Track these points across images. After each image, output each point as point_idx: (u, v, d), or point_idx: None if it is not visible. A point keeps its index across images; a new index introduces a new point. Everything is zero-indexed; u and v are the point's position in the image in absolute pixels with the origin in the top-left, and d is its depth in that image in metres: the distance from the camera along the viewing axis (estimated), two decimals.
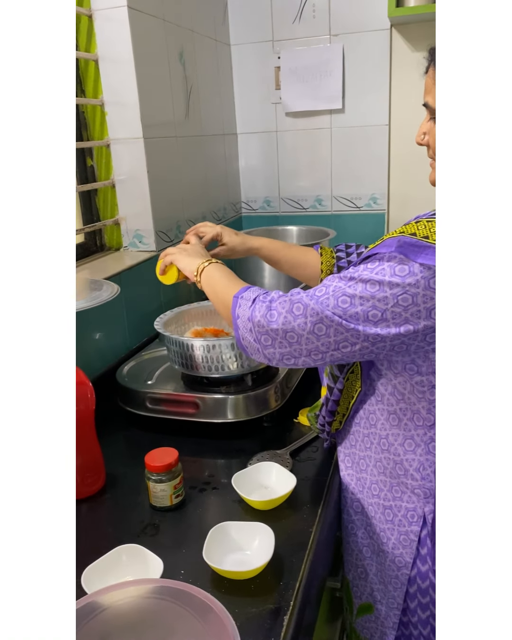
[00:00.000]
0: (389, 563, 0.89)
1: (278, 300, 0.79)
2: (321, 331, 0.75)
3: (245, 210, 2.12)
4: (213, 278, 0.93)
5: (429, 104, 0.78)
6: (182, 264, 1.00)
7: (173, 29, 1.50)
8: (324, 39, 1.83)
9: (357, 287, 0.72)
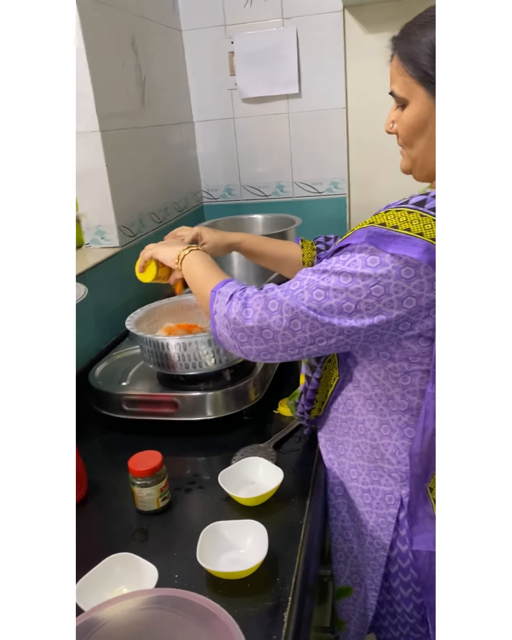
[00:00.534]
0: (368, 545, 0.90)
1: (253, 297, 0.78)
2: (296, 327, 0.74)
3: (207, 200, 2.09)
4: (193, 267, 0.92)
5: (395, 92, 0.78)
6: (162, 254, 0.98)
7: (123, 16, 1.45)
8: (276, 22, 1.80)
9: (331, 279, 0.73)
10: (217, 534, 0.78)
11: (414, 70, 0.73)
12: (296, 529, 0.83)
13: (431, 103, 0.74)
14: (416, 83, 0.74)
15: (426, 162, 0.80)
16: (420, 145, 0.78)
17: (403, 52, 0.75)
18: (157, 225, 1.67)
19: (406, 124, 0.77)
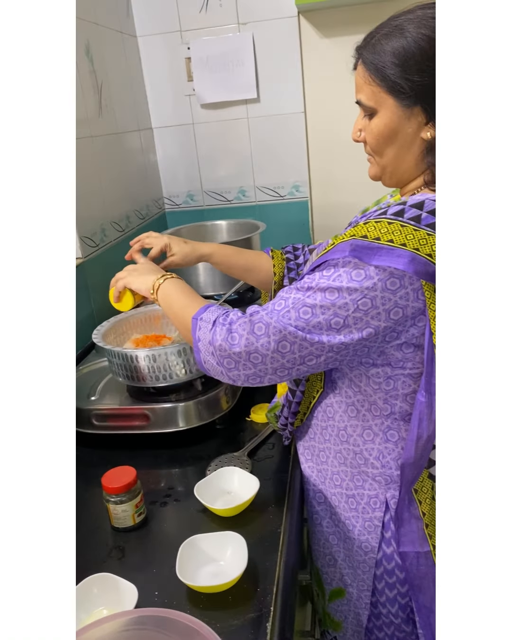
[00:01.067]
0: (357, 549, 0.91)
1: (238, 322, 0.77)
2: (285, 348, 0.74)
3: (169, 206, 2.07)
4: (170, 296, 0.90)
5: (362, 101, 0.78)
6: (136, 284, 0.96)
7: (77, 23, 1.43)
8: (232, 27, 1.80)
9: (317, 296, 0.72)
10: (196, 547, 0.78)
11: (382, 80, 0.73)
12: (275, 537, 0.83)
13: (401, 112, 0.74)
14: (384, 92, 0.74)
15: (396, 169, 0.80)
16: (390, 154, 0.79)
17: (369, 62, 0.75)
18: (119, 235, 1.65)
19: (375, 132, 0.77)
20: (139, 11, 1.82)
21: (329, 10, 1.75)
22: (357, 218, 0.94)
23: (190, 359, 1.04)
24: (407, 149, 0.77)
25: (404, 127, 0.75)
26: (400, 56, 0.71)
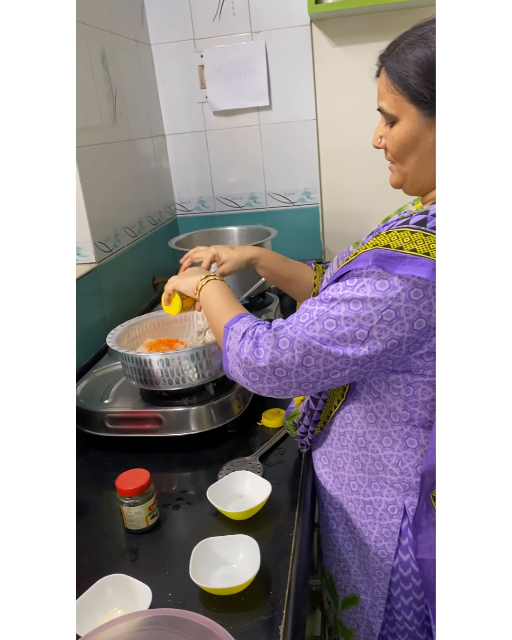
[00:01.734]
0: (373, 556, 0.90)
1: (263, 337, 0.78)
2: (309, 362, 0.74)
3: (180, 212, 2.09)
4: (210, 299, 0.93)
5: (384, 109, 0.78)
6: (182, 286, 0.99)
7: (93, 32, 1.45)
8: (245, 36, 1.82)
9: (341, 307, 0.72)
10: (209, 550, 0.78)
11: (405, 88, 0.73)
12: (287, 541, 0.83)
13: (423, 121, 0.74)
14: (407, 101, 0.74)
15: (418, 177, 0.80)
16: (411, 161, 0.79)
17: (392, 71, 0.75)
18: (132, 240, 1.67)
19: (396, 140, 0.78)
20: (154, 20, 1.85)
21: (341, 19, 1.76)
22: (379, 227, 0.94)
23: (203, 363, 1.05)
24: (429, 157, 0.77)
25: (425, 136, 0.75)
26: (423, 66, 0.71)
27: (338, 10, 1.63)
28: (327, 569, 1.02)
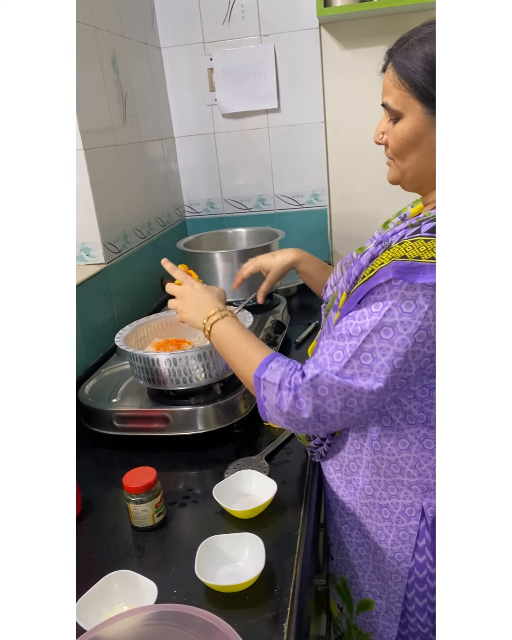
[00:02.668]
0: (389, 559, 0.89)
1: (301, 388, 0.76)
2: (352, 404, 0.74)
3: (189, 214, 2.11)
4: (226, 341, 0.89)
5: (389, 104, 0.77)
6: (189, 320, 0.95)
7: (104, 35, 1.47)
8: (254, 39, 1.83)
9: (373, 339, 0.71)
10: (214, 547, 0.79)
11: (412, 85, 0.73)
12: (292, 540, 0.84)
13: (427, 119, 0.74)
14: (413, 98, 0.74)
15: (417, 174, 0.80)
16: (412, 159, 0.78)
17: (400, 66, 0.74)
18: (141, 241, 1.68)
19: (399, 137, 0.77)
20: (164, 23, 1.86)
21: (350, 22, 1.77)
22: (381, 232, 0.95)
23: (209, 363, 1.05)
24: (430, 156, 0.77)
25: (429, 135, 0.75)
26: (432, 63, 0.71)
27: (347, 13, 1.64)
28: (339, 575, 1.01)
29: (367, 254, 0.78)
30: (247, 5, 1.80)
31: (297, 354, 1.44)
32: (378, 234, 1.00)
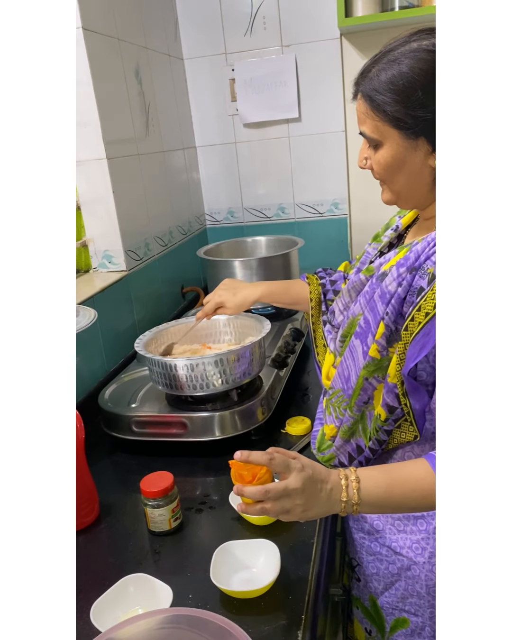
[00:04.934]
0: (427, 573, 0.86)
1: None
2: None
3: (210, 222, 2.13)
4: (388, 497, 0.71)
5: (366, 134, 0.78)
6: (315, 512, 0.70)
7: (127, 47, 1.50)
8: (276, 49, 1.85)
9: None
10: (230, 553, 0.79)
11: (384, 115, 0.73)
12: (307, 547, 0.84)
13: (406, 143, 0.74)
14: (388, 126, 0.74)
15: (410, 195, 0.80)
16: (400, 180, 0.79)
17: (368, 98, 0.75)
18: (162, 249, 1.71)
19: (382, 164, 0.78)
20: (187, 35, 1.90)
21: (371, 32, 1.78)
22: (374, 246, 0.95)
23: (226, 369, 1.06)
24: (417, 176, 0.77)
25: (411, 157, 0.75)
26: (399, 92, 0.71)
27: (367, 23, 1.65)
28: (368, 595, 0.97)
29: (393, 281, 0.76)
30: (269, 16, 1.82)
31: None
32: (371, 248, 0.99)
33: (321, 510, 0.70)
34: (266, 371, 1.21)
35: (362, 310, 0.81)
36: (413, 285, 0.74)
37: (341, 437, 0.89)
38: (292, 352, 1.34)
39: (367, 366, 0.80)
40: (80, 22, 1.25)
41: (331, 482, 0.70)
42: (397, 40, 0.76)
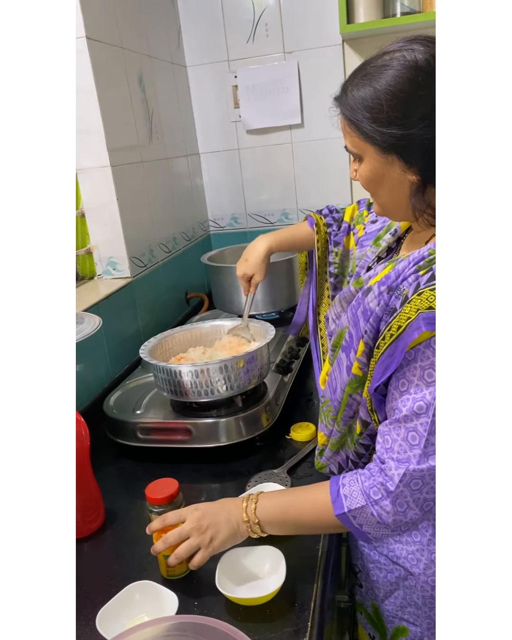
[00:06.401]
0: (422, 584, 0.86)
1: (395, 492, 0.72)
2: None
3: (213, 228, 2.13)
4: (282, 517, 0.80)
5: (348, 148, 0.79)
6: (222, 536, 0.78)
7: (131, 56, 1.51)
8: (278, 56, 1.86)
9: None
10: (235, 560, 0.79)
11: (360, 132, 0.74)
12: (313, 554, 0.84)
13: (382, 158, 0.75)
14: (365, 142, 0.75)
15: (395, 208, 0.81)
16: (383, 195, 0.80)
17: (346, 116, 0.76)
18: (166, 255, 1.71)
19: (364, 177, 0.79)
20: (190, 43, 1.91)
21: (373, 38, 1.79)
22: (374, 250, 0.96)
23: (231, 375, 1.06)
24: (397, 190, 0.77)
25: (388, 172, 0.76)
26: (370, 109, 0.72)
27: (369, 29, 1.66)
28: (370, 602, 0.97)
29: (374, 299, 0.76)
30: (271, 23, 1.83)
31: None
32: (371, 252, 0.99)
33: (227, 534, 0.78)
34: (270, 377, 1.21)
35: (348, 323, 0.82)
36: (389, 305, 0.74)
37: (330, 449, 0.90)
38: (297, 357, 1.34)
39: (350, 383, 0.81)
40: (84, 31, 1.26)
41: (233, 507, 0.80)
42: (377, 51, 0.76)
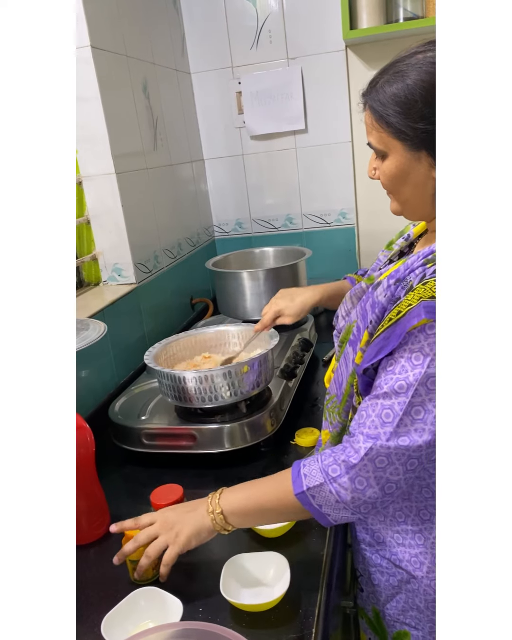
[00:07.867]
0: (425, 588, 0.86)
1: (358, 466, 0.72)
2: (413, 465, 0.72)
3: (218, 234, 2.14)
4: (246, 506, 0.80)
5: (373, 144, 0.79)
6: (189, 529, 0.79)
7: (135, 63, 1.52)
8: (282, 62, 1.87)
9: (421, 391, 0.69)
10: (239, 566, 0.79)
11: (387, 126, 0.75)
12: (317, 560, 0.83)
13: (410, 155, 0.75)
14: (392, 138, 0.75)
15: (416, 206, 0.81)
16: (406, 193, 0.80)
17: (374, 110, 0.76)
18: (171, 261, 1.72)
19: (387, 174, 0.79)
20: (194, 50, 1.92)
21: (376, 44, 1.79)
22: (386, 254, 0.96)
23: (235, 381, 1.06)
24: (422, 188, 0.78)
25: (415, 169, 0.76)
26: (402, 104, 0.72)
27: (373, 35, 1.67)
28: (371, 606, 0.97)
29: (383, 292, 0.77)
30: (275, 30, 1.84)
31: (324, 372, 1.44)
32: (383, 256, 1.00)
33: (192, 529, 0.79)
34: (275, 382, 1.21)
35: (357, 317, 0.82)
36: (394, 295, 0.75)
37: (331, 442, 0.90)
38: (301, 362, 1.34)
39: (353, 374, 0.81)
40: (89, 40, 1.27)
41: (200, 502, 0.82)
42: (406, 52, 0.77)
